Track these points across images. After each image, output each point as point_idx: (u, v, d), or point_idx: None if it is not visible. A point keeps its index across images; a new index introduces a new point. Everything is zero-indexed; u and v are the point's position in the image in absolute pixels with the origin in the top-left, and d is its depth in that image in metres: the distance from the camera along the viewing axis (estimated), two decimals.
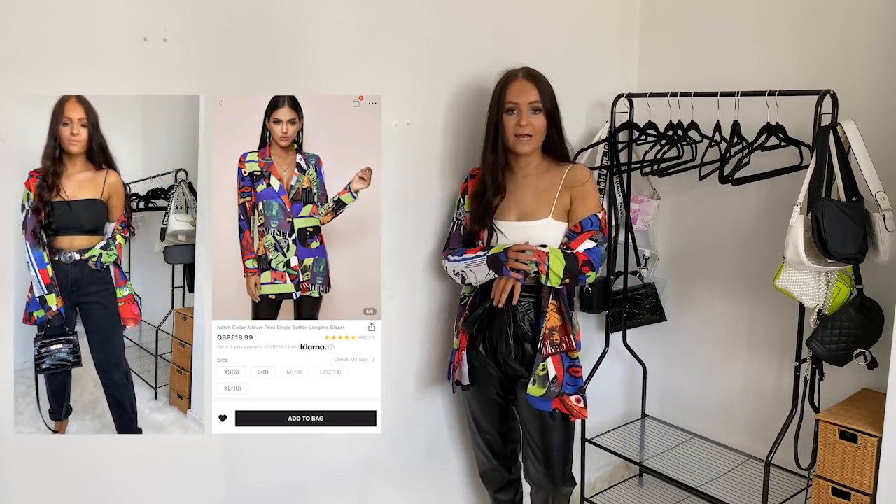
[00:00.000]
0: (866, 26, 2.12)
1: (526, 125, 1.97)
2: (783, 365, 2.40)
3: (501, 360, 2.09)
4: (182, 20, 1.72)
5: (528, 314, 2.05)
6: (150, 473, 1.85)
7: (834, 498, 2.01)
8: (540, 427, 2.08)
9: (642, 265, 2.65)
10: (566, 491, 2.17)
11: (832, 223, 1.86)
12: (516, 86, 1.99)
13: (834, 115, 1.96)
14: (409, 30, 2.09)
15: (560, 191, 2.03)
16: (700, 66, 2.52)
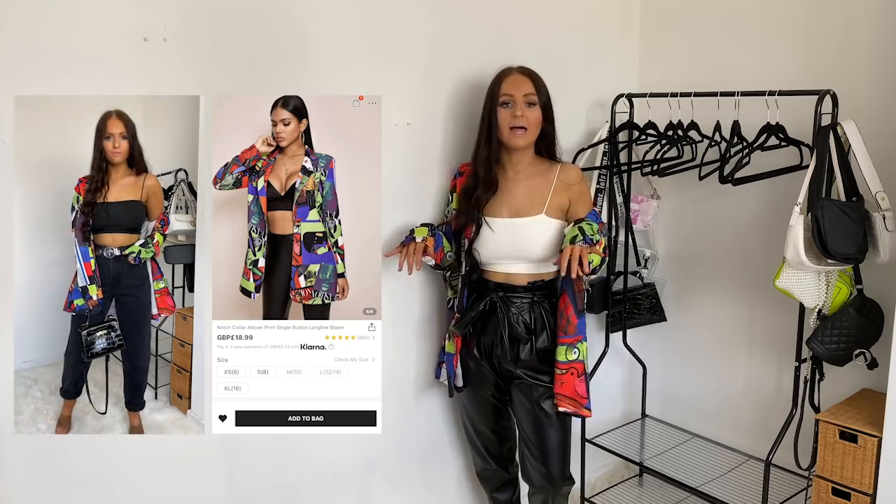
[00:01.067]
0: (867, 26, 2.12)
1: (521, 116, 1.96)
2: (783, 365, 2.40)
3: (496, 361, 2.09)
4: (182, 20, 1.72)
5: (522, 315, 2.05)
6: (150, 473, 1.85)
7: (834, 498, 2.01)
8: (536, 426, 2.07)
9: (642, 265, 2.65)
10: (565, 490, 2.16)
11: (832, 223, 1.86)
12: (511, 79, 1.99)
13: (834, 115, 1.96)
14: (409, 30, 2.09)
15: (554, 189, 2.03)
16: (700, 66, 2.52)
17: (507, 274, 2.05)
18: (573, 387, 2.02)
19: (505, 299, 2.05)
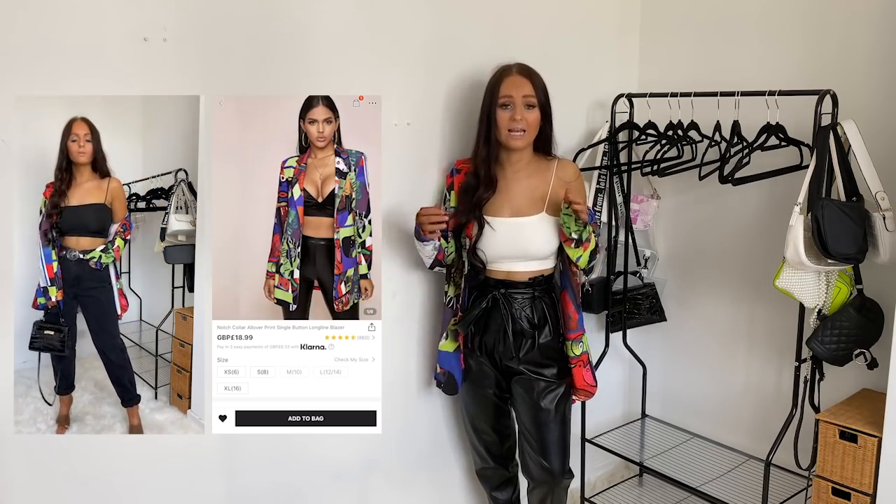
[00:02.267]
0: (867, 26, 2.12)
1: (520, 119, 1.97)
2: (783, 365, 2.40)
3: (498, 358, 2.10)
4: (182, 20, 1.72)
5: (525, 310, 2.05)
6: (150, 473, 1.85)
7: (834, 498, 2.01)
8: (537, 421, 2.08)
9: (642, 265, 2.65)
10: (565, 483, 2.17)
11: (832, 223, 1.86)
12: (510, 80, 1.99)
13: (834, 115, 1.96)
14: (409, 30, 2.09)
15: (552, 186, 2.04)
16: (700, 66, 2.52)
17: (509, 271, 2.06)
18: (583, 378, 2.10)
19: (507, 296, 2.05)
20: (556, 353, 2.10)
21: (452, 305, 2.13)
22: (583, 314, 2.16)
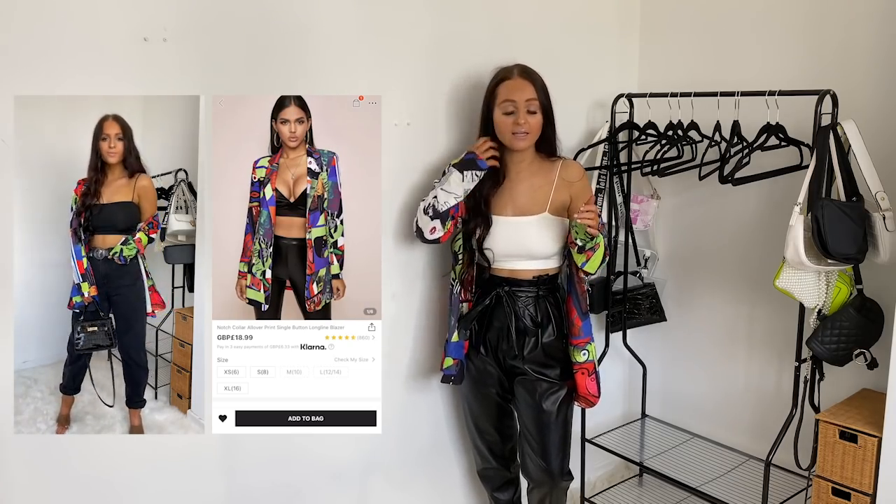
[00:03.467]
0: (867, 26, 2.12)
1: (524, 123, 1.97)
2: (783, 365, 2.40)
3: (501, 356, 2.10)
4: (182, 20, 1.72)
5: (528, 308, 2.05)
6: (150, 473, 1.85)
7: (834, 498, 2.01)
8: (538, 422, 2.08)
9: (642, 265, 2.65)
10: (564, 485, 2.17)
11: (832, 223, 1.86)
12: (512, 84, 1.99)
13: (834, 115, 1.96)
14: (408, 30, 2.09)
15: (556, 186, 2.04)
16: (700, 66, 2.52)
17: (513, 270, 2.06)
18: (585, 386, 2.08)
19: (511, 294, 2.05)
20: (560, 354, 2.09)
21: (458, 293, 2.10)
22: (590, 322, 2.12)
